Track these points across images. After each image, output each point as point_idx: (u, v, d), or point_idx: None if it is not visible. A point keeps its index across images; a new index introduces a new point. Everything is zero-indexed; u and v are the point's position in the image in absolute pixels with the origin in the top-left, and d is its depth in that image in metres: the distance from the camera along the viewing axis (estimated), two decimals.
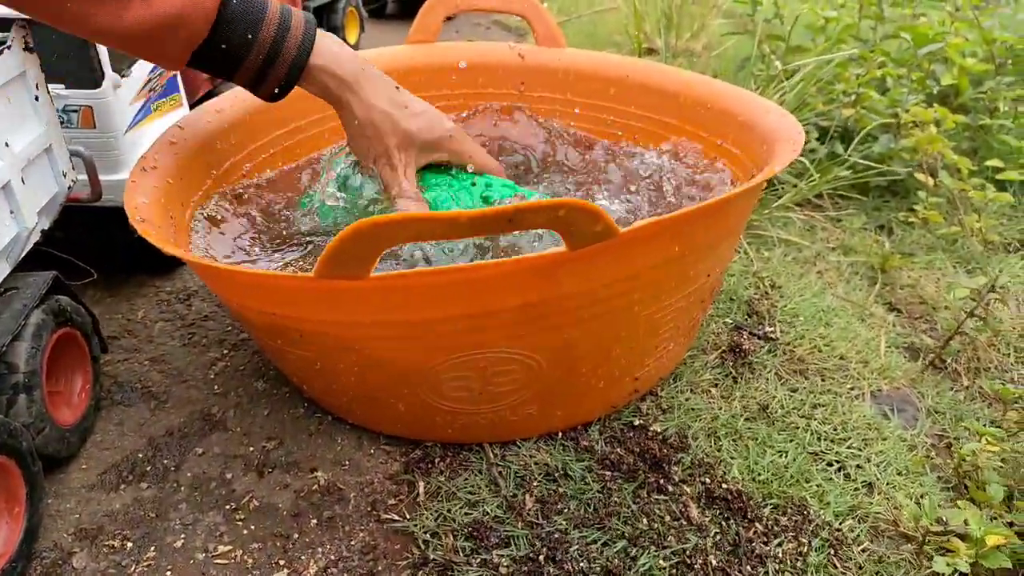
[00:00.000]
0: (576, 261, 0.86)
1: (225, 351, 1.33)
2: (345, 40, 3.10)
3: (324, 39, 1.00)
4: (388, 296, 0.87)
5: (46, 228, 1.10)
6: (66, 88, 1.30)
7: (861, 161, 1.85)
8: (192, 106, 1.67)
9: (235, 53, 0.95)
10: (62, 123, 1.24)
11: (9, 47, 0.96)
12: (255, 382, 1.25)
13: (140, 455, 1.10)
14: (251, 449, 1.11)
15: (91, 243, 1.40)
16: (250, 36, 0.94)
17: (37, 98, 1.03)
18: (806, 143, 2.00)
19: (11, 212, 0.98)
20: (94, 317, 1.16)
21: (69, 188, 1.13)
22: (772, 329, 1.40)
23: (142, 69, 1.42)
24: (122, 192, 1.34)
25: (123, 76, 1.35)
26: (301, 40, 0.97)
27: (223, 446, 1.12)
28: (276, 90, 1.01)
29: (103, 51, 1.30)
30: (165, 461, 1.09)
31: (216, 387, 1.24)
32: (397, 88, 1.09)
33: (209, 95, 1.81)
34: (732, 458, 1.08)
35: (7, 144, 0.95)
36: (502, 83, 1.62)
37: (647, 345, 1.07)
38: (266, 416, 1.18)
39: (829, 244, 1.78)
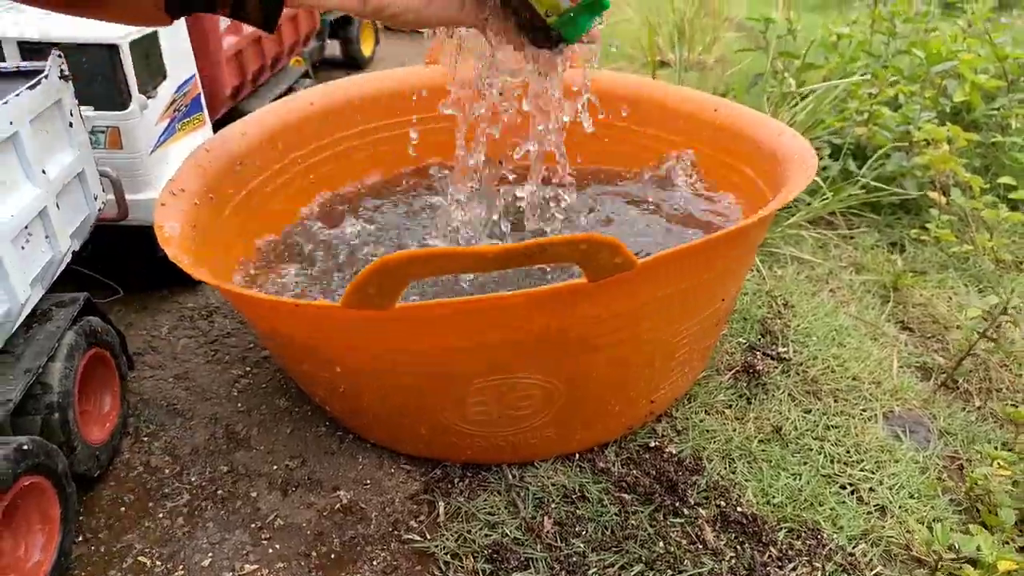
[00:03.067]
0: (595, 291, 0.88)
1: (248, 368, 1.35)
2: (360, 52, 3.13)
3: None
4: (413, 325, 0.89)
5: (76, 249, 1.13)
6: (94, 110, 1.34)
7: (874, 183, 1.87)
8: (214, 126, 1.71)
9: None
10: (91, 144, 1.27)
11: (47, 76, 0.99)
12: (277, 400, 1.28)
13: (167, 472, 1.13)
14: (275, 467, 1.14)
15: (116, 260, 1.43)
16: None
17: (71, 124, 1.06)
18: (819, 160, 2.02)
19: (46, 237, 1.01)
20: (122, 336, 1.19)
21: (99, 210, 1.16)
22: (785, 349, 1.42)
23: (167, 89, 1.45)
24: (147, 211, 1.38)
25: (149, 97, 1.38)
26: None
27: (248, 464, 1.14)
28: (263, 22, 0.73)
29: (131, 73, 1.33)
30: (192, 479, 1.12)
31: (239, 404, 1.27)
32: None
33: (231, 112, 1.84)
34: (747, 481, 1.10)
35: (44, 171, 0.98)
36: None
37: (663, 369, 1.09)
38: (289, 434, 1.20)
39: (841, 262, 1.79)
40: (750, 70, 2.68)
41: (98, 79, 1.31)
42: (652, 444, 1.16)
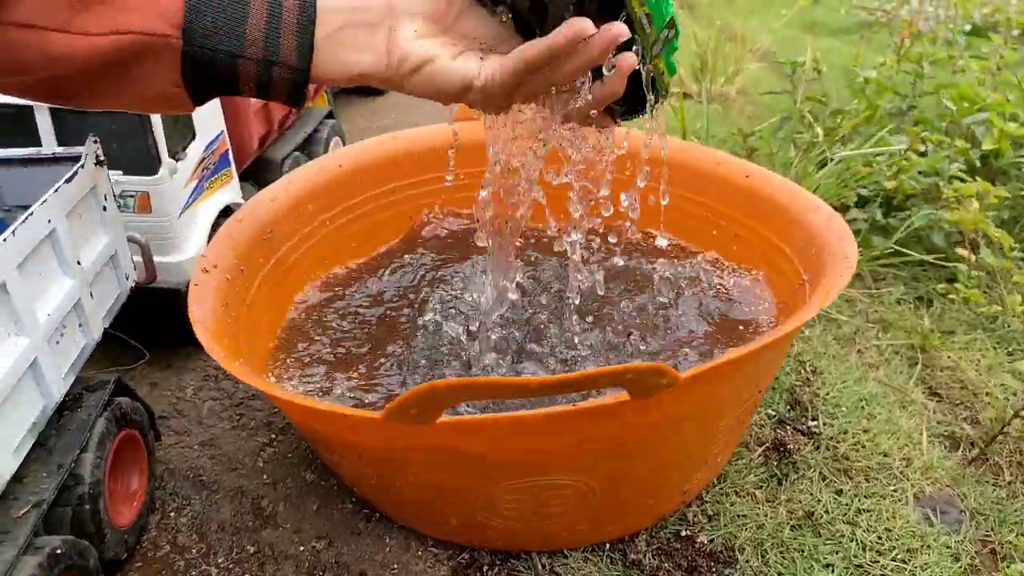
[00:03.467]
0: (637, 403, 0.87)
1: (273, 435, 1.35)
2: None
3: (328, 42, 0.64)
4: (453, 434, 0.88)
5: (107, 327, 1.13)
6: (123, 174, 1.33)
7: (900, 249, 1.85)
8: (241, 174, 1.70)
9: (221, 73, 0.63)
10: (119, 208, 1.26)
11: (83, 166, 0.99)
12: (303, 472, 1.27)
13: (194, 551, 1.13)
14: (301, 548, 1.13)
15: (144, 322, 1.41)
16: (228, 49, 0.61)
17: (105, 208, 1.06)
18: (846, 211, 2.01)
19: (80, 326, 1.00)
20: (150, 411, 1.19)
21: (131, 288, 1.16)
22: (815, 422, 1.40)
23: (196, 149, 1.45)
24: (175, 273, 1.38)
25: (178, 159, 1.37)
26: (296, 45, 0.63)
27: (274, 544, 1.14)
28: (290, 97, 0.67)
29: (160, 137, 1.33)
30: (219, 560, 1.11)
31: (265, 476, 1.26)
32: None
33: (257, 162, 1.82)
34: (780, 575, 1.09)
35: (79, 262, 0.97)
36: None
37: (698, 461, 1.08)
38: (315, 511, 1.19)
39: (868, 319, 1.77)
40: (773, 102, 2.67)
41: (127, 143, 1.30)
42: (683, 532, 1.14)
